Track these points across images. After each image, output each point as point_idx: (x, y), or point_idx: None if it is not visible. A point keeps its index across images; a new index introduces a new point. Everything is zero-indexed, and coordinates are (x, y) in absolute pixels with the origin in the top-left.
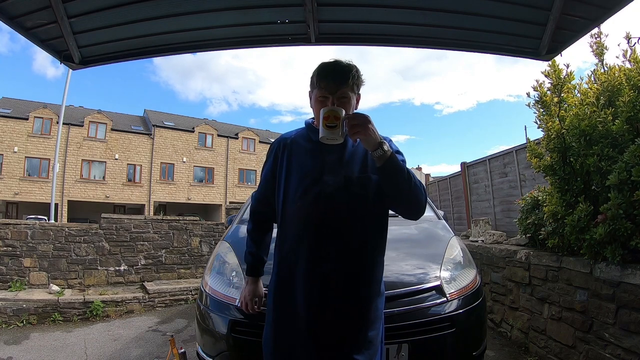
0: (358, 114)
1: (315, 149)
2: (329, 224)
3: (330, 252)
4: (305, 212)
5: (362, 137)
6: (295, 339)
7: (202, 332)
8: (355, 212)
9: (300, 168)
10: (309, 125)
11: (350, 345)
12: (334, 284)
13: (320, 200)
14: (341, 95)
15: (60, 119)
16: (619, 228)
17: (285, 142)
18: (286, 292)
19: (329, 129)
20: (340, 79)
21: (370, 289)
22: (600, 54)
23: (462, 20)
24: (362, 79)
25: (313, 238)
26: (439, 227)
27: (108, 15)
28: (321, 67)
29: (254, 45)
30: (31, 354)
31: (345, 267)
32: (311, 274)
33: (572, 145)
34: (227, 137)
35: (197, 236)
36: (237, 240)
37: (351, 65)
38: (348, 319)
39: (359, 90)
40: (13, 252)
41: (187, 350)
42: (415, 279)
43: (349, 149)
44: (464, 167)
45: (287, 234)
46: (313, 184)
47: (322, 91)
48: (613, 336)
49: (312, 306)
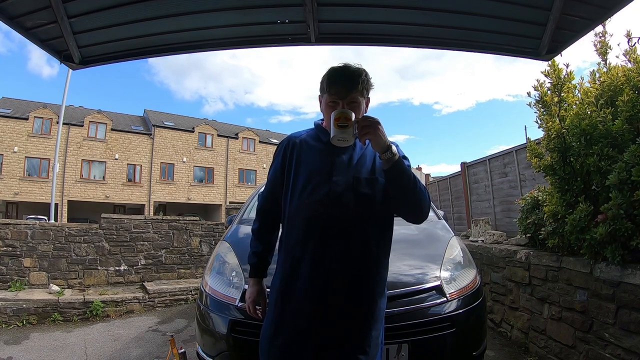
0: (368, 116)
1: (325, 150)
2: (336, 223)
3: (336, 252)
4: (313, 210)
5: (372, 138)
6: (295, 337)
7: (202, 332)
8: (362, 213)
9: (310, 167)
10: (318, 125)
11: (352, 345)
12: (339, 284)
13: (328, 199)
14: (351, 100)
15: (60, 119)
16: (619, 228)
17: (295, 142)
18: (289, 290)
19: (340, 129)
20: (350, 84)
21: (374, 289)
22: (604, 53)
23: (462, 20)
24: (372, 83)
25: (319, 237)
26: (439, 227)
27: (108, 15)
28: (331, 72)
29: (254, 45)
30: (31, 354)
31: (350, 267)
32: (315, 273)
33: (573, 145)
34: (227, 137)
35: (197, 236)
36: (237, 240)
37: (361, 69)
38: (350, 319)
39: (368, 94)
40: (13, 252)
41: (187, 350)
42: (415, 279)
43: (357, 151)
44: (464, 167)
45: (292, 232)
46: (322, 183)
47: (332, 96)
48: (613, 336)
49: (315, 305)
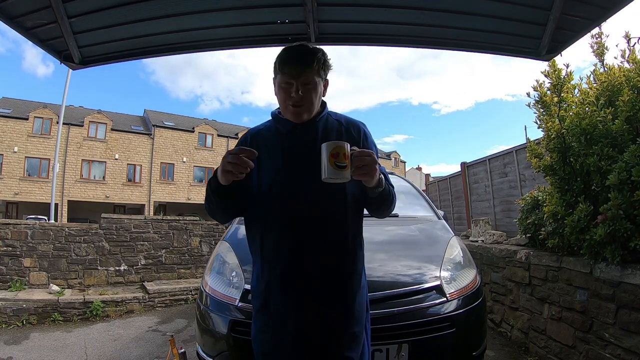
0: (365, 152)
1: (286, 140)
2: (309, 216)
3: (312, 246)
4: (284, 207)
5: (367, 179)
6: (281, 336)
7: (202, 332)
8: (333, 203)
9: (272, 161)
10: (275, 116)
11: (337, 343)
12: (318, 279)
13: (298, 192)
14: (305, 81)
15: (60, 119)
16: (619, 228)
17: (253, 136)
18: (270, 290)
19: (339, 169)
20: (305, 62)
21: (352, 281)
22: (600, 54)
23: (462, 20)
24: (330, 64)
25: (294, 233)
26: (438, 227)
27: (108, 15)
28: (284, 51)
29: (253, 45)
30: (31, 354)
31: (328, 260)
32: (293, 271)
33: (572, 145)
34: (227, 137)
35: (197, 236)
36: (237, 241)
37: (317, 48)
38: (333, 313)
39: (326, 75)
40: (13, 252)
41: (187, 350)
42: (415, 279)
43: (320, 138)
44: (464, 167)
45: (266, 232)
46: (289, 176)
47: (285, 77)
48: (613, 336)
49: (297, 302)
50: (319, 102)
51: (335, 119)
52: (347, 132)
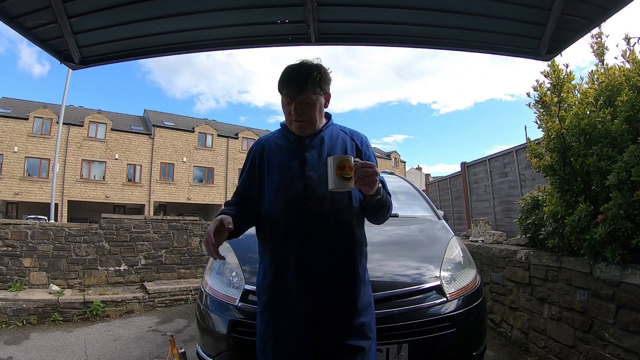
0: (368, 164)
1: (294, 147)
2: (316, 217)
3: (320, 244)
4: (292, 206)
5: (368, 189)
6: (290, 331)
7: (202, 332)
8: (340, 204)
9: (282, 166)
10: (284, 126)
11: (349, 333)
12: (326, 275)
13: (306, 194)
14: (304, 100)
15: (60, 119)
16: (619, 228)
17: (264, 144)
18: (279, 287)
19: (345, 181)
20: (299, 85)
21: (359, 277)
22: (600, 54)
23: (462, 20)
24: (328, 77)
25: (302, 232)
26: (438, 227)
27: (108, 15)
28: (283, 72)
29: (253, 45)
30: (31, 354)
31: (335, 257)
32: (303, 267)
33: (572, 145)
34: (227, 137)
35: (197, 236)
36: (237, 241)
37: (313, 66)
38: (342, 308)
39: (326, 89)
40: (13, 252)
41: (187, 350)
42: (415, 279)
43: (326, 144)
44: (464, 167)
45: (275, 232)
46: (297, 179)
47: (285, 97)
48: (613, 336)
49: (306, 298)
50: (321, 115)
51: (340, 129)
52: (351, 140)
